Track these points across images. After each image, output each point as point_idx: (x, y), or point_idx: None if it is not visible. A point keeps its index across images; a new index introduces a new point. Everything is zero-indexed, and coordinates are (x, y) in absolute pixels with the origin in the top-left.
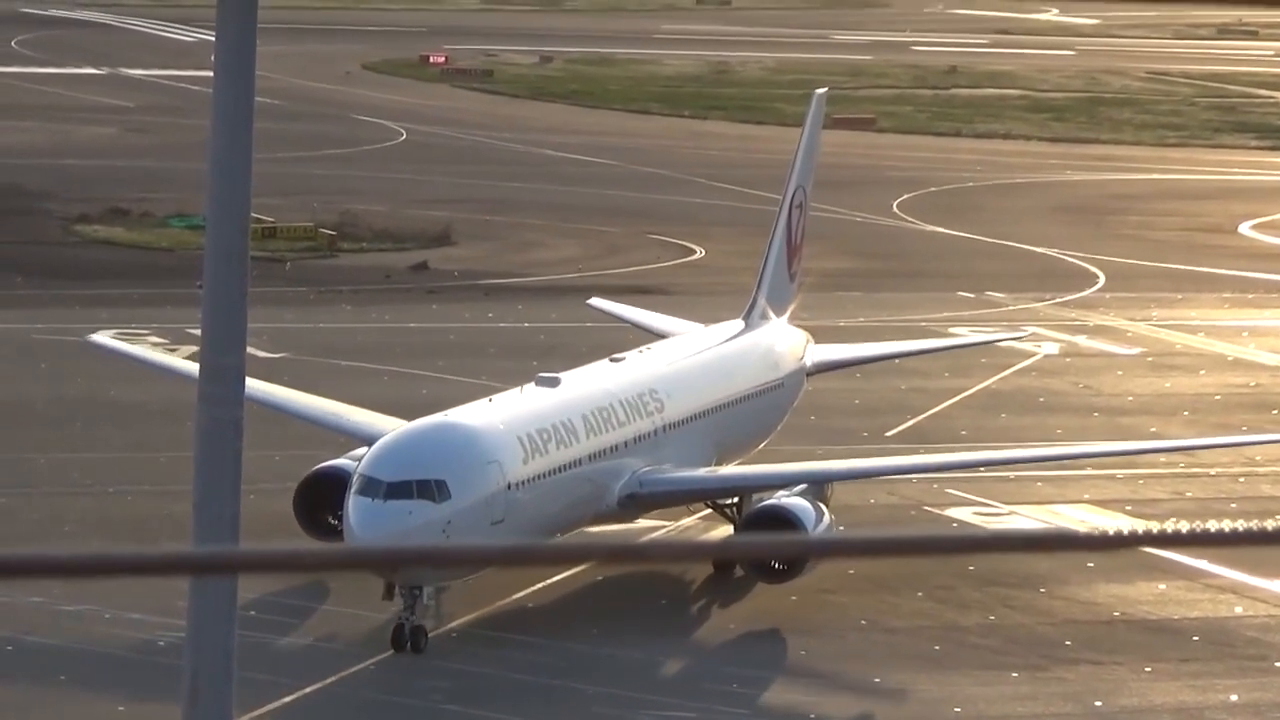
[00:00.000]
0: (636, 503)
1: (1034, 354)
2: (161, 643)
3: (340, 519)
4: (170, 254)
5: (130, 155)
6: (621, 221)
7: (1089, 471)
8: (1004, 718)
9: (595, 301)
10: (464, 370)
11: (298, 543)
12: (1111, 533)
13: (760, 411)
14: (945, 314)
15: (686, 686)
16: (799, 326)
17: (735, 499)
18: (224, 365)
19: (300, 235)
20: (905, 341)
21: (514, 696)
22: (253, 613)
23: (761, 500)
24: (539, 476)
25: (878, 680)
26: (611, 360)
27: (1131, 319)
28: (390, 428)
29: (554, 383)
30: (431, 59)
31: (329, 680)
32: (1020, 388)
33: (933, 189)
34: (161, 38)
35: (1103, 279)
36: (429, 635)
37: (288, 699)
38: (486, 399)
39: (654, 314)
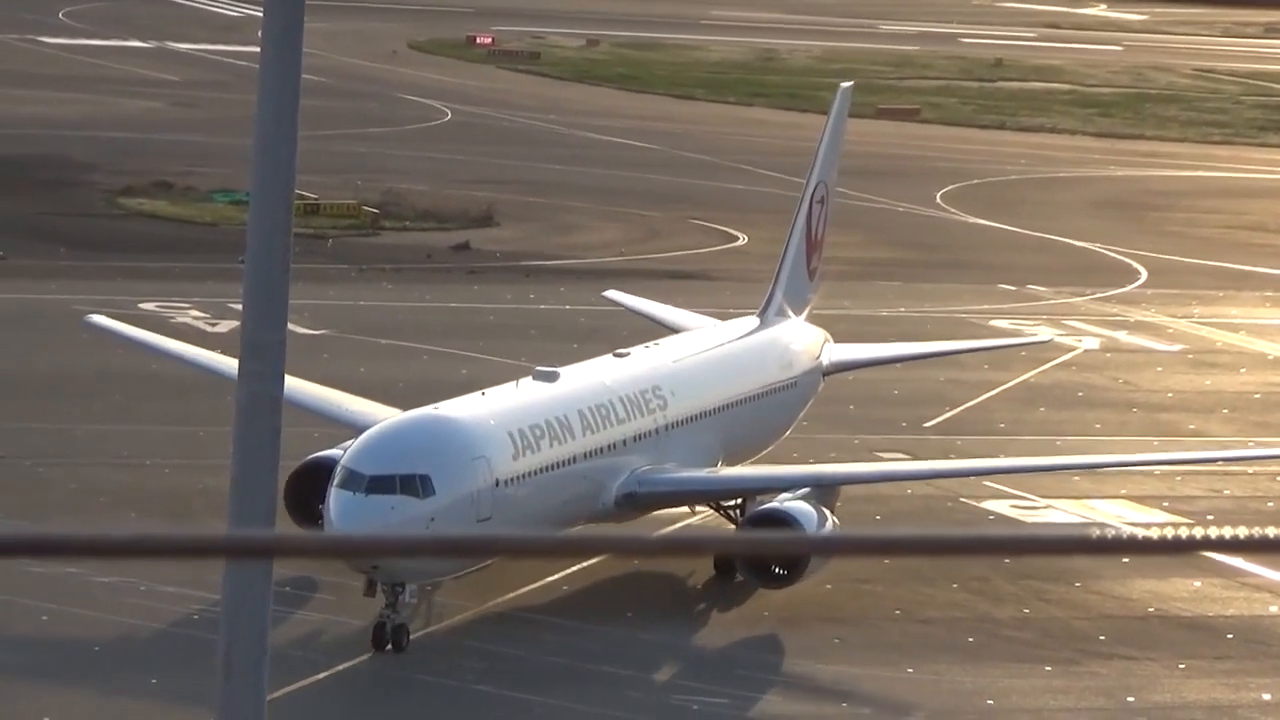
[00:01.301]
0: (634, 502)
1: (1074, 348)
2: (196, 617)
3: None
4: (213, 229)
5: (176, 129)
6: (664, 206)
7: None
8: (1037, 711)
9: (611, 294)
10: (504, 351)
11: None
12: (1121, 535)
13: (770, 411)
14: (986, 306)
15: (719, 672)
16: (835, 315)
17: (738, 501)
18: (265, 341)
19: (343, 213)
20: (927, 343)
21: (546, 679)
22: (287, 589)
23: (763, 503)
24: (529, 474)
25: (911, 670)
26: (615, 355)
27: (1173, 315)
28: (387, 418)
29: (552, 377)
30: (478, 39)
31: (362, 658)
32: (1059, 382)
33: (976, 181)
34: (209, 12)
35: (1144, 275)
36: (411, 635)
37: (321, 675)
38: (479, 392)
39: (670, 308)
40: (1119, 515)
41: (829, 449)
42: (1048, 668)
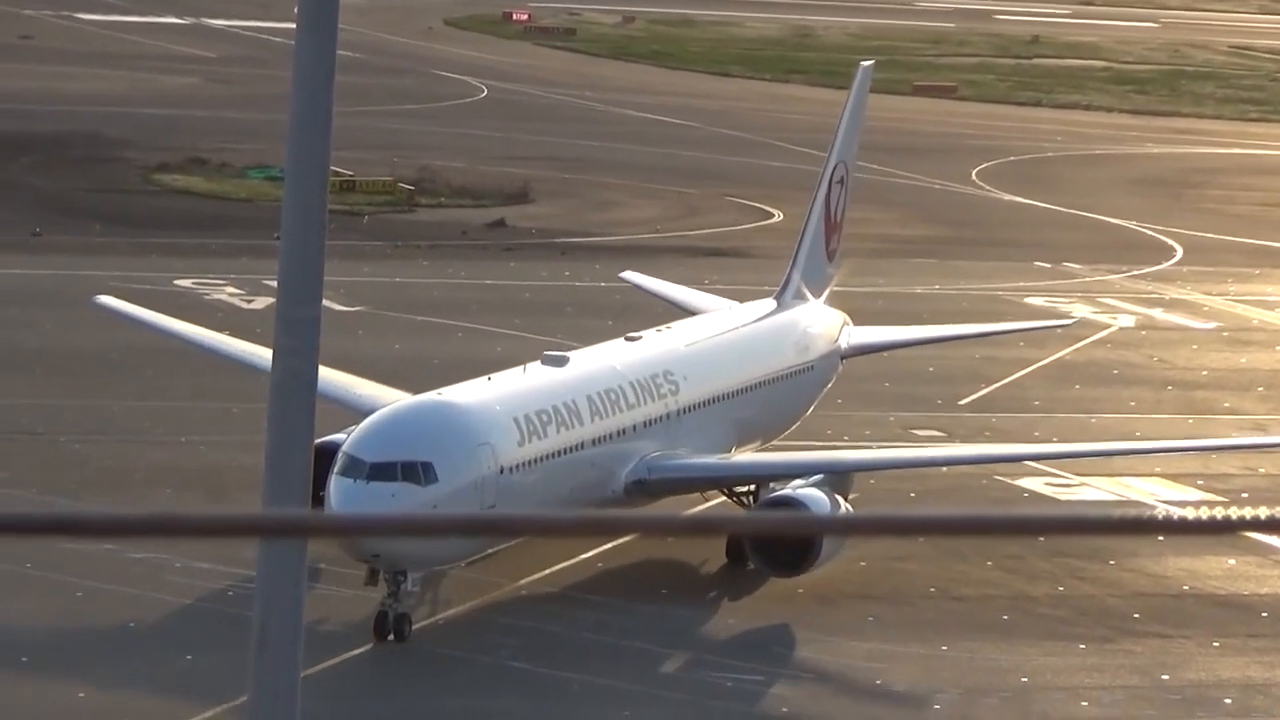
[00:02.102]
0: (644, 489)
1: (1109, 326)
2: (230, 593)
3: None
4: (248, 205)
5: (211, 105)
6: (700, 183)
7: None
8: (1071, 688)
9: (629, 275)
10: (539, 329)
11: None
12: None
13: (786, 396)
14: (1021, 284)
15: (752, 649)
16: (870, 293)
17: (751, 487)
18: (300, 318)
19: (379, 190)
20: (949, 325)
21: (581, 655)
22: (321, 565)
23: (775, 489)
24: (535, 460)
25: (945, 648)
26: (627, 339)
27: (1208, 293)
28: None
29: (561, 361)
30: (514, 16)
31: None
32: (1094, 359)
33: (1012, 158)
34: None
35: (1180, 252)
36: (413, 624)
37: (357, 651)
38: (486, 377)
39: (687, 289)
40: (1153, 493)
41: (864, 426)
42: (1082, 646)
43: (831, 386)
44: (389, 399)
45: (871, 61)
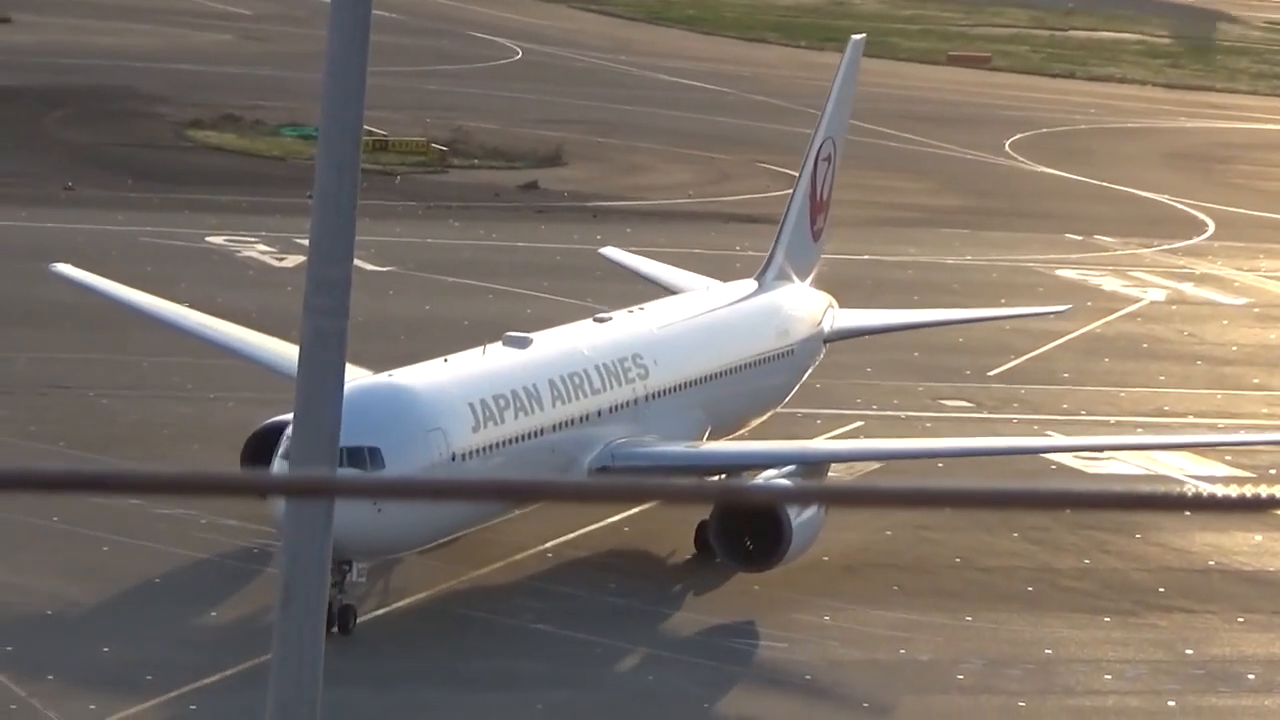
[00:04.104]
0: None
1: (1139, 299)
2: (256, 550)
3: None
4: (281, 163)
5: (245, 63)
6: (733, 149)
7: (1190, 420)
8: (1095, 661)
9: (607, 251)
10: (569, 292)
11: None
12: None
13: (763, 381)
14: (1052, 256)
15: (778, 617)
16: (902, 261)
17: (721, 477)
18: (331, 277)
19: (412, 150)
20: (939, 310)
21: (606, 619)
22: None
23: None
24: (491, 447)
25: (970, 619)
26: (596, 320)
27: (1239, 269)
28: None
29: (523, 343)
30: None
31: (420, 596)
32: (1124, 333)
33: (1045, 130)
34: None
35: (1212, 227)
36: (358, 616)
37: (379, 612)
38: (442, 359)
39: (669, 268)
40: (1180, 468)
41: (892, 396)
42: (1106, 619)
43: (850, 359)
44: (346, 377)
45: (862, 36)
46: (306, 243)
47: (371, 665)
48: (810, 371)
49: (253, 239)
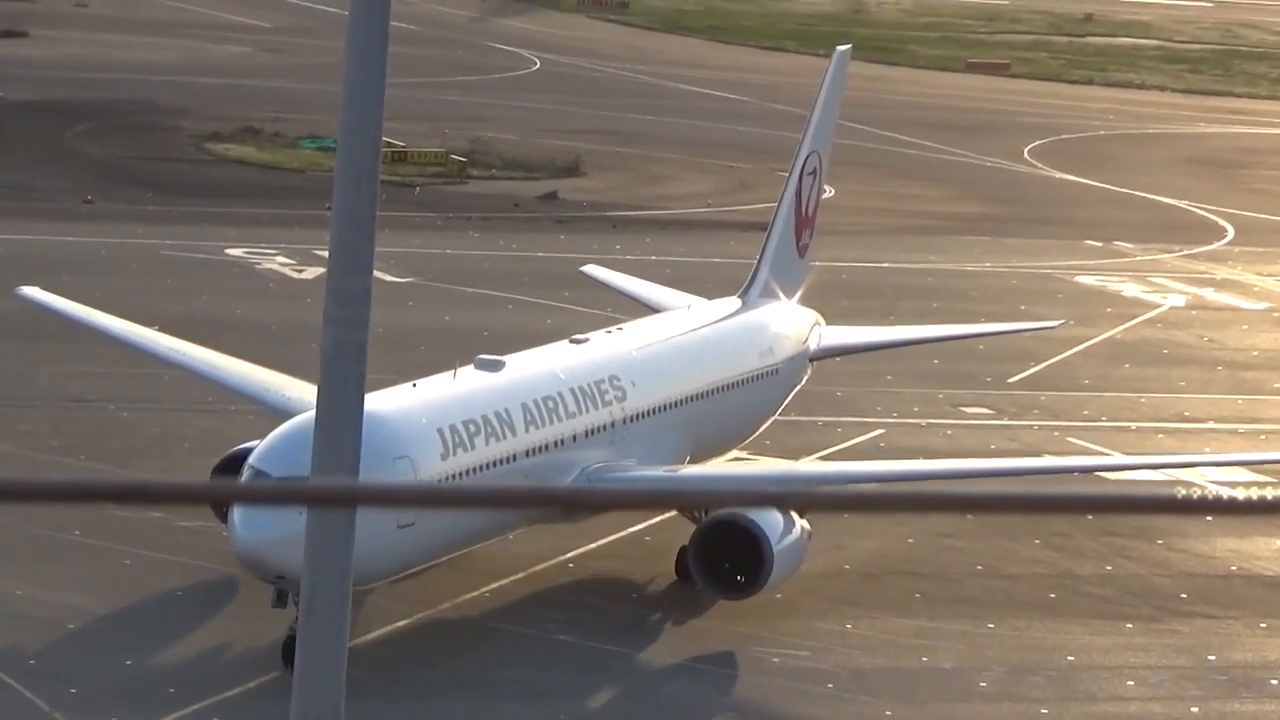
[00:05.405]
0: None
1: (1160, 305)
2: None
3: None
4: (300, 175)
5: (264, 75)
6: (752, 158)
7: (1211, 425)
8: (1117, 668)
9: (590, 269)
10: (589, 301)
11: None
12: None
13: (747, 402)
14: (1072, 262)
15: (800, 625)
16: (922, 269)
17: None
18: (351, 288)
19: (431, 161)
20: (928, 327)
21: (630, 629)
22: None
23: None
24: (461, 474)
25: (992, 626)
26: (572, 341)
27: (1259, 274)
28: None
29: (495, 366)
30: None
31: (443, 607)
32: (1144, 339)
33: (1064, 136)
34: None
35: (1231, 233)
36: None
37: (401, 624)
38: (410, 384)
39: (652, 285)
40: (1202, 474)
41: (913, 403)
42: (1128, 625)
43: (871, 368)
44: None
45: (848, 46)
46: (326, 254)
47: (394, 677)
48: (796, 391)
49: (272, 251)
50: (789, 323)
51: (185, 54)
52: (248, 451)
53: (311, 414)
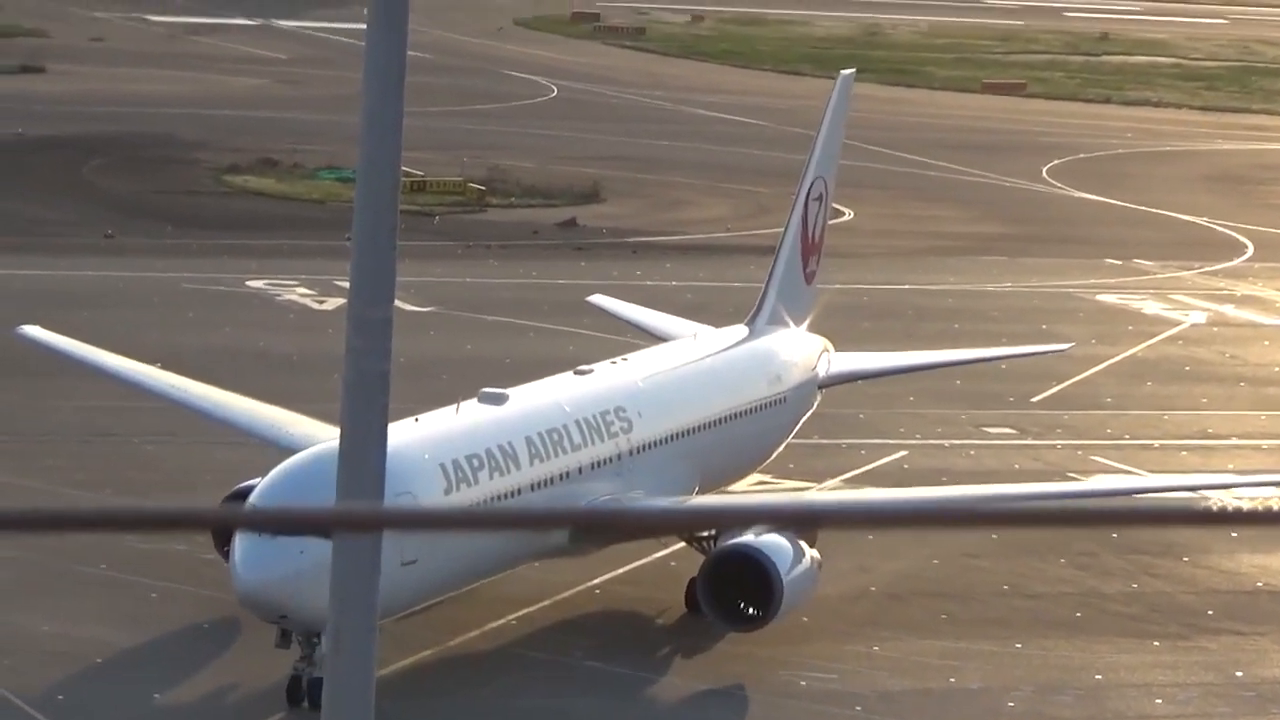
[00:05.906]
0: (591, 536)
1: (1181, 322)
2: None
3: None
4: (320, 206)
5: (282, 107)
6: (770, 182)
7: (1235, 442)
8: (1145, 686)
9: (596, 299)
10: (610, 328)
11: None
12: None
13: (755, 431)
14: (1092, 281)
15: (827, 648)
16: (943, 290)
17: (711, 532)
18: (372, 318)
19: (449, 190)
20: (937, 352)
21: (657, 654)
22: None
23: (733, 538)
24: None
25: (1019, 645)
26: (576, 372)
27: (1279, 289)
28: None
29: (499, 399)
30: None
31: (471, 634)
32: (1166, 356)
33: (1082, 155)
34: None
35: (1251, 249)
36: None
37: (426, 653)
38: (413, 418)
39: (658, 314)
40: (1235, 494)
41: (935, 424)
42: (1155, 643)
43: (893, 389)
44: (325, 436)
45: (852, 71)
46: (347, 285)
47: (422, 705)
48: (804, 419)
49: (293, 282)
50: (797, 350)
51: (202, 87)
52: (252, 488)
53: (313, 450)
